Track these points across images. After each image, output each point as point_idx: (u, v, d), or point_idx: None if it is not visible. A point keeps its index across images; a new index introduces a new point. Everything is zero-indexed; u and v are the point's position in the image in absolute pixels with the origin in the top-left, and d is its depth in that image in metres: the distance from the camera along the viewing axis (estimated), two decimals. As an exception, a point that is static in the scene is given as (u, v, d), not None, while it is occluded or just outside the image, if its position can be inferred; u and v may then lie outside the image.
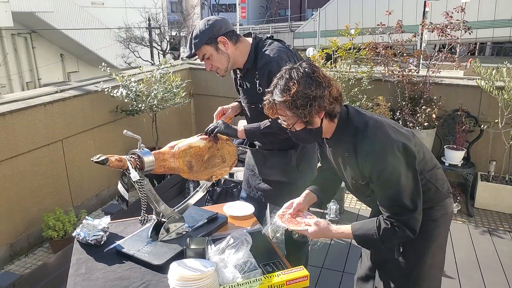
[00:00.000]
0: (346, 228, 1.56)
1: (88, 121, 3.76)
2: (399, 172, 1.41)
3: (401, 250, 1.63)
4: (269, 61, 1.92)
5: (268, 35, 2.11)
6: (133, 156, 1.61)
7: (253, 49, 2.00)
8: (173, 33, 13.49)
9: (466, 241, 3.30)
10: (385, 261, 1.70)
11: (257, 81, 2.00)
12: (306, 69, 1.43)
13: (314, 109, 1.40)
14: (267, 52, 1.96)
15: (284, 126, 1.52)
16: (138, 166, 1.61)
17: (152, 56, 13.11)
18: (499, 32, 19.29)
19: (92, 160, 1.47)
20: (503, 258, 3.08)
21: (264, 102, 1.50)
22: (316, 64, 3.94)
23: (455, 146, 3.78)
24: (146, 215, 1.70)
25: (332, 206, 3.49)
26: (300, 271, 1.51)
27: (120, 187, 1.66)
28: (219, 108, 2.18)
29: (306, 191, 1.75)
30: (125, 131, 1.61)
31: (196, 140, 1.86)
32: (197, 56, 1.97)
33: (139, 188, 1.61)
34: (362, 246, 1.60)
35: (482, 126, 3.82)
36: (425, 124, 3.75)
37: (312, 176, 2.14)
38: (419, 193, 1.46)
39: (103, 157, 1.49)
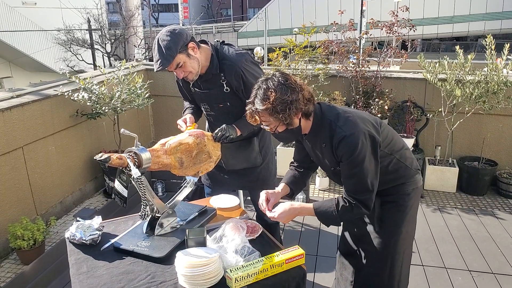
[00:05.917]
0: (308, 206, 1.77)
1: (49, 127, 3.64)
2: (364, 156, 1.62)
3: (380, 223, 1.83)
4: (238, 60, 2.08)
5: (217, 40, 2.21)
6: (130, 153, 1.66)
7: (215, 54, 2.11)
8: (117, 33, 13.02)
9: (421, 219, 3.62)
10: (365, 234, 1.89)
11: (223, 83, 2.12)
12: (280, 78, 1.60)
13: (292, 112, 1.59)
14: (231, 55, 2.10)
15: (267, 130, 1.69)
16: (136, 163, 1.66)
17: (94, 59, 12.60)
18: (443, 29, 20.74)
19: (95, 159, 1.50)
20: (453, 231, 3.45)
21: (246, 112, 1.67)
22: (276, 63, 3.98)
23: (405, 135, 4.12)
24: (145, 210, 1.75)
25: (299, 195, 3.68)
26: (297, 250, 1.66)
27: (117, 185, 1.70)
28: (180, 121, 2.17)
29: (282, 184, 1.95)
30: (122, 129, 1.65)
31: (186, 136, 1.93)
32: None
33: (139, 184, 1.66)
34: (322, 222, 1.79)
35: (427, 115, 4.20)
36: (379, 115, 4.04)
37: (271, 154, 2.39)
38: (377, 177, 1.68)
39: (105, 156, 1.53)
